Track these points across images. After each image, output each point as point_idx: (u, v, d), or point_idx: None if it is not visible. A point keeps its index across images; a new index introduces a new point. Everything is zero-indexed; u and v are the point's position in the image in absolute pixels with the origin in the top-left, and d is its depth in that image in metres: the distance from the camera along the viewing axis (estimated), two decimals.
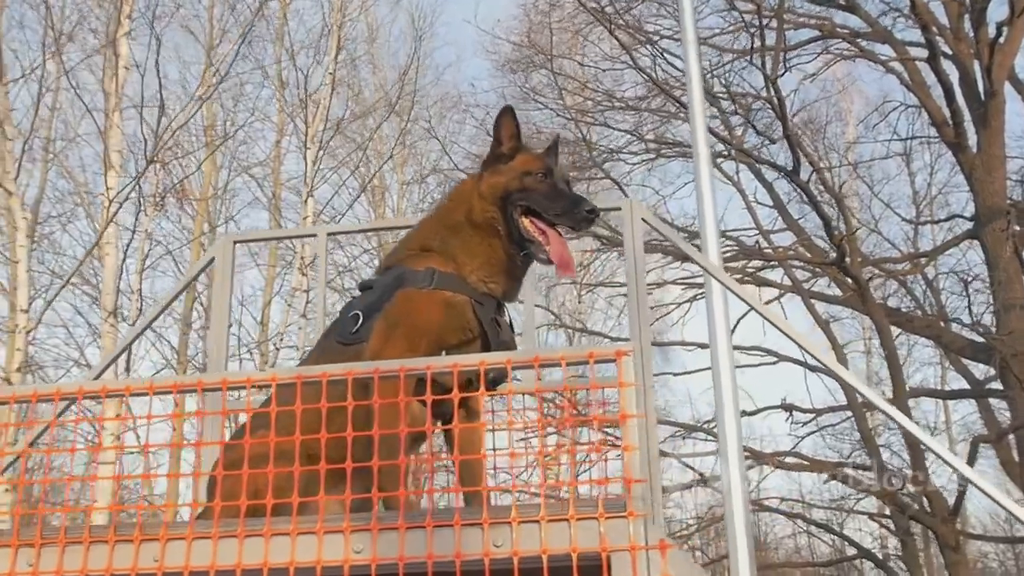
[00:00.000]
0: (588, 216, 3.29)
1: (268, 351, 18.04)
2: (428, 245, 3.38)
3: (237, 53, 13.47)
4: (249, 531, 2.62)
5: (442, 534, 2.55)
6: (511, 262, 3.34)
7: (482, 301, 3.25)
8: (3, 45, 12.26)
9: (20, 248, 11.28)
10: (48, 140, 17.20)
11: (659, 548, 2.47)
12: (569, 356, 2.68)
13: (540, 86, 17.83)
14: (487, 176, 3.41)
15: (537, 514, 2.52)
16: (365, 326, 3.28)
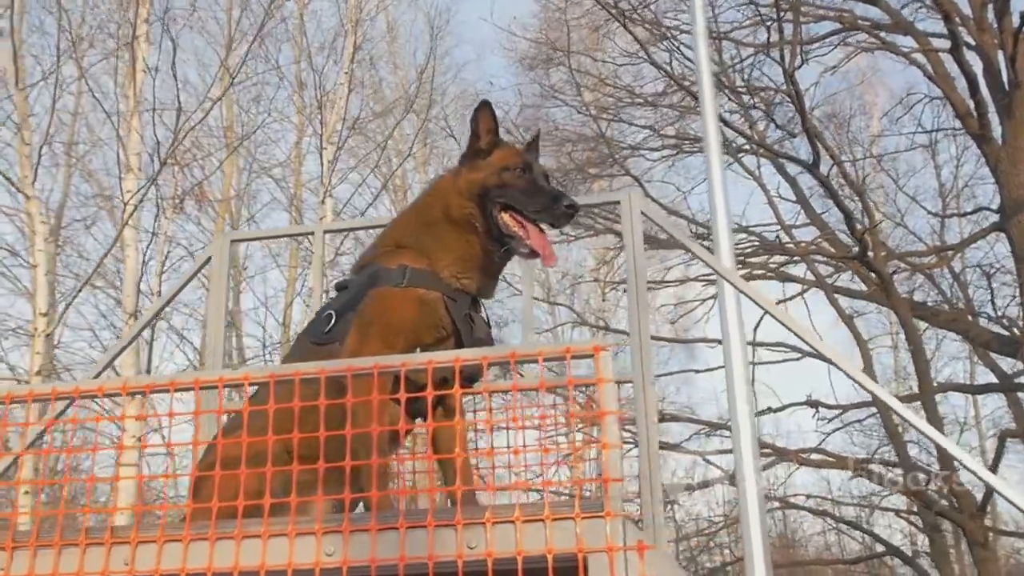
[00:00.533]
0: (567, 212, 3.23)
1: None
2: (402, 242, 3.33)
3: (247, 54, 13.45)
4: (221, 534, 2.57)
5: (415, 535, 2.48)
6: (488, 258, 3.28)
7: (455, 297, 3.20)
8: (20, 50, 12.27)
9: (39, 252, 11.33)
10: (70, 144, 17.32)
11: (637, 549, 2.39)
12: (547, 352, 2.60)
13: (559, 83, 17.73)
14: (465, 172, 3.35)
15: (512, 514, 2.45)
16: (338, 326, 3.24)
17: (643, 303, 4.40)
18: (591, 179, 17.23)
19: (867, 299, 15.52)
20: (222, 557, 2.54)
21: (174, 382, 2.84)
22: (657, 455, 4.20)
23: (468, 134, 3.53)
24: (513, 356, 2.61)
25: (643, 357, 4.30)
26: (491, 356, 2.62)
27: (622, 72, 17.03)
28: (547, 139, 17.98)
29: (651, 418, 4.20)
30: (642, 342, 4.33)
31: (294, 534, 2.53)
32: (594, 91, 17.40)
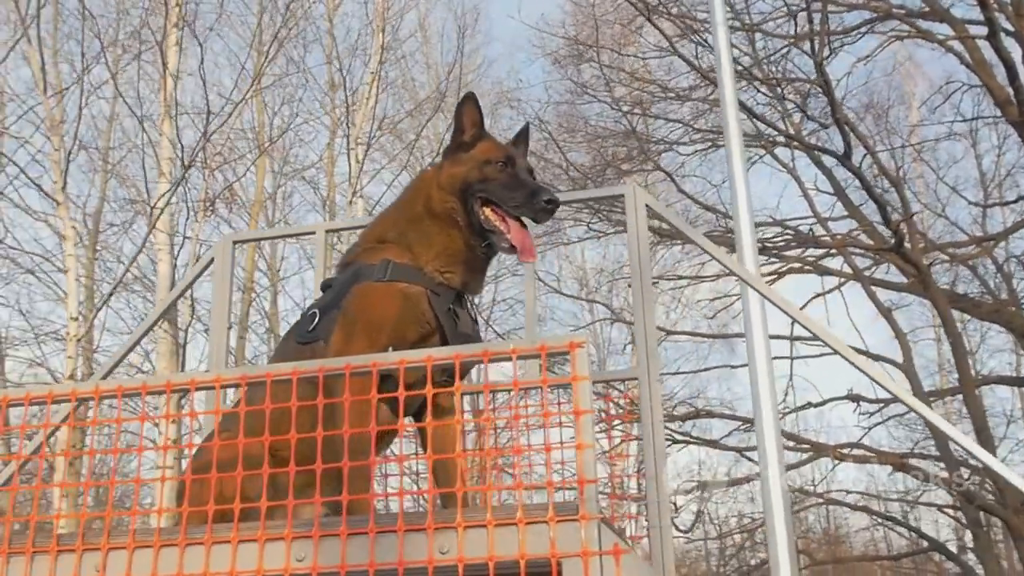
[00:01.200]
0: (547, 207, 3.15)
1: None
2: (385, 237, 3.28)
3: (267, 55, 13.45)
4: (190, 540, 2.52)
5: (386, 540, 2.41)
6: (471, 253, 3.21)
7: (438, 291, 3.13)
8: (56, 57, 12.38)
9: (69, 257, 11.43)
10: (106, 149, 17.49)
11: (612, 553, 2.30)
12: (520, 350, 2.52)
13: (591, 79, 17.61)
14: (447, 166, 3.29)
15: (484, 518, 2.38)
16: (321, 324, 3.20)
17: (648, 298, 4.31)
18: (624, 175, 17.08)
19: (905, 291, 15.24)
20: (192, 563, 2.49)
21: (169, 383, 2.80)
22: (663, 454, 4.10)
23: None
24: (486, 355, 2.53)
25: (648, 353, 4.21)
26: (464, 354, 2.55)
27: (655, 67, 16.88)
28: (580, 135, 17.92)
29: (656, 416, 4.11)
30: (647, 338, 4.23)
31: (263, 540, 2.47)
32: (626, 86, 17.26)
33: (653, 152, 16.29)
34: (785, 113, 15.51)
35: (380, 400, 2.79)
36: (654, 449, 4.07)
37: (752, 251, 7.00)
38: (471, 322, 3.22)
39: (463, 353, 2.54)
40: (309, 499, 2.62)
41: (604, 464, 16.57)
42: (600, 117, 17.96)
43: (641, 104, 16.34)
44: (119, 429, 3.39)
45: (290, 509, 2.52)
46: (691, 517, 15.92)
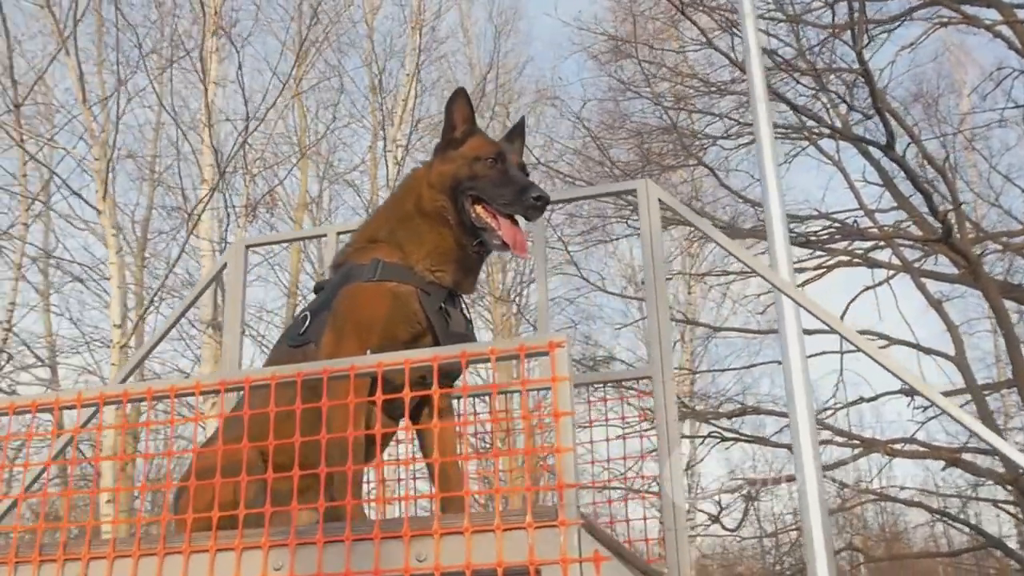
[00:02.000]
0: (536, 204, 3.08)
1: None
2: (376, 236, 3.24)
3: (296, 60, 13.50)
4: (169, 548, 2.48)
5: (363, 548, 2.36)
6: (462, 252, 3.16)
7: (428, 290, 3.08)
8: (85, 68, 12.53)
9: (112, 265, 11.56)
10: (154, 157, 17.70)
11: (593, 560, 2.22)
12: (499, 351, 2.44)
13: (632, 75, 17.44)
14: (437, 164, 3.24)
15: (461, 525, 2.31)
16: (312, 326, 3.17)
17: (661, 295, 4.21)
18: (666, 171, 16.90)
19: (955, 282, 14.89)
20: (170, 572, 2.45)
21: (173, 387, 2.77)
22: (679, 455, 4.00)
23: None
24: (464, 356, 2.46)
25: (662, 351, 4.11)
26: (441, 356, 2.48)
27: (696, 61, 16.69)
28: (621, 132, 17.75)
29: (671, 415, 4.01)
30: (660, 336, 4.14)
31: (240, 548, 2.43)
32: (668, 81, 17.08)
33: (695, 147, 16.08)
34: (832, 103, 15.24)
35: (371, 403, 2.74)
36: (669, 450, 3.97)
37: (784, 247, 6.82)
38: (464, 321, 3.16)
39: (441, 355, 2.47)
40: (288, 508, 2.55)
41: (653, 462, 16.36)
42: (642, 113, 17.82)
43: (683, 99, 16.14)
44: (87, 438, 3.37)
45: (267, 517, 2.47)
46: (739, 515, 15.67)
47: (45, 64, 12.62)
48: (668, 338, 4.13)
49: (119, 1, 13.48)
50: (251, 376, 2.74)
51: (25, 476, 3.42)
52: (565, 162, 18.31)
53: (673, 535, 3.86)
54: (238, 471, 2.70)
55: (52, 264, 15.55)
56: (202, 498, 2.94)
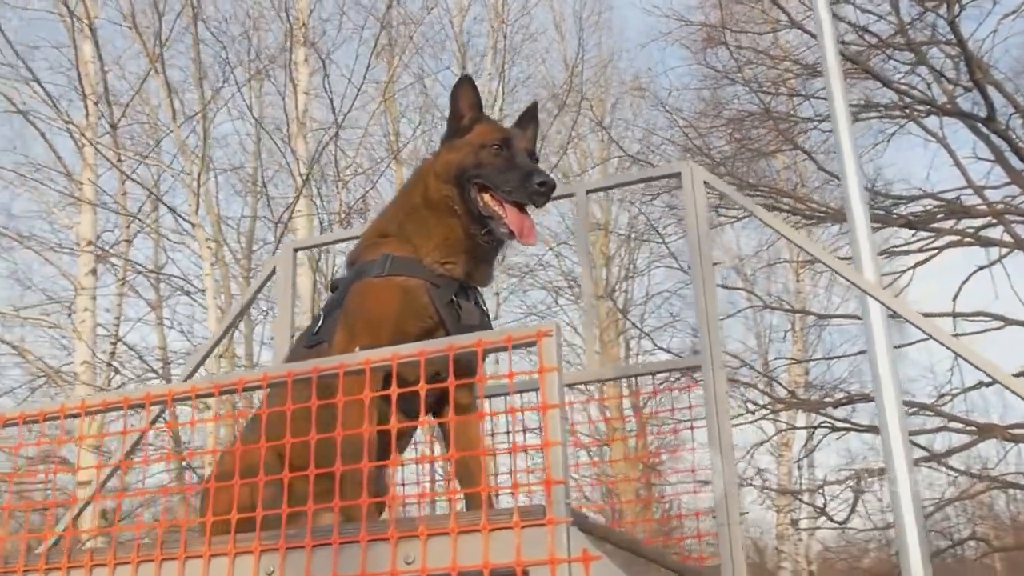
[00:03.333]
0: (540, 190, 2.96)
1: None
2: (386, 231, 3.17)
3: (367, 63, 13.58)
4: (166, 555, 2.45)
5: (351, 551, 2.29)
6: (472, 242, 3.05)
7: (438, 283, 2.99)
8: (176, 84, 12.84)
9: (206, 277, 11.82)
10: (256, 169, 18.07)
11: (582, 560, 2.10)
12: (487, 343, 2.35)
13: (724, 62, 17.08)
14: (443, 153, 3.16)
15: (447, 525, 2.21)
16: (325, 326, 3.12)
17: (709, 281, 4.04)
18: (763, 156, 16.51)
19: None
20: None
21: (194, 388, 2.76)
22: (731, 449, 3.83)
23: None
24: (451, 349, 2.37)
25: (711, 341, 3.94)
26: (429, 350, 2.39)
27: (789, 43, 16.26)
28: (716, 120, 17.40)
29: (721, 407, 3.84)
30: (709, 325, 3.97)
31: (233, 553, 2.38)
32: (761, 65, 16.68)
33: (793, 132, 15.65)
34: (937, 77, 14.63)
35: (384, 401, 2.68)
36: (720, 444, 3.81)
37: (872, 262, 6.47)
38: (479, 314, 3.06)
39: (428, 349, 2.38)
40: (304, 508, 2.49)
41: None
42: (738, 100, 17.44)
43: (778, 83, 15.74)
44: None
45: (284, 518, 2.43)
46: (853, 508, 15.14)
47: (137, 85, 12.97)
48: (717, 327, 3.96)
49: (206, 17, 13.78)
50: (268, 374, 2.69)
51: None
52: (659, 154, 18.05)
53: (726, 530, 3.69)
54: (255, 473, 2.67)
55: (163, 278, 16.04)
56: (221, 501, 2.93)
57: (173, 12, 12.39)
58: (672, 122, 16.46)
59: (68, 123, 12.20)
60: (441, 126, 16.44)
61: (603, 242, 22.34)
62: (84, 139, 12.11)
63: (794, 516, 19.27)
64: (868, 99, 15.45)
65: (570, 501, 2.18)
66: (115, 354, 12.69)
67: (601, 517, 7.57)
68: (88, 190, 12.30)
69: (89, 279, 12.51)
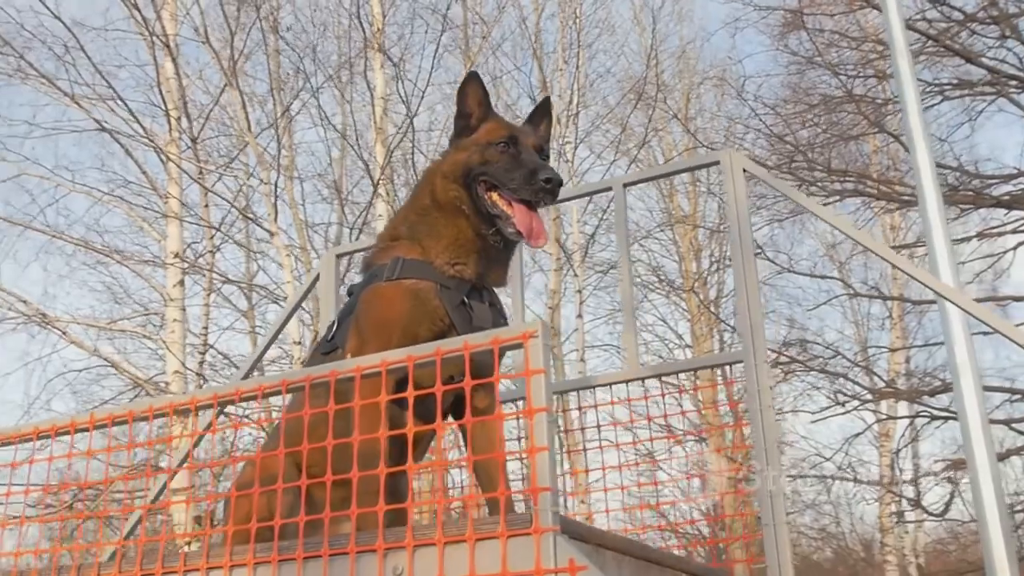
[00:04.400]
0: (545, 187, 2.90)
1: (561, 354, 18.14)
2: (397, 234, 3.12)
3: (432, 64, 13.58)
4: (166, 568, 2.44)
5: (341, 562, 2.24)
6: (483, 242, 2.99)
7: (449, 285, 2.93)
8: (250, 96, 13.04)
9: (287, 285, 11.96)
10: (340, 176, 18.29)
11: (568, 570, 2.02)
12: (473, 345, 2.27)
13: (806, 47, 16.66)
14: (450, 153, 3.12)
15: (434, 536, 2.15)
16: (339, 332, 3.09)
17: (751, 273, 3.90)
18: (850, 141, 16.06)
19: None
20: None
21: (216, 395, 2.75)
22: (775, 446, 3.68)
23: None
24: (439, 353, 2.30)
25: (752, 334, 3.81)
26: (416, 355, 2.32)
27: (871, 24, 15.79)
28: (801, 104, 16.97)
29: (764, 401, 3.70)
30: (751, 317, 3.83)
31: (229, 566, 2.35)
32: (847, 49, 16.24)
33: (879, 114, 15.19)
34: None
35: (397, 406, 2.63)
36: (764, 439, 3.67)
37: (950, 265, 6.19)
38: (493, 315, 2.99)
39: (416, 355, 2.31)
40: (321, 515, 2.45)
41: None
42: (825, 84, 17.01)
43: (860, 65, 15.30)
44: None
45: (300, 527, 2.40)
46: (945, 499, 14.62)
47: (214, 99, 13.22)
48: (759, 320, 3.82)
49: (281, 28, 13.98)
50: (287, 379, 2.65)
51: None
52: (743, 142, 17.71)
53: (772, 531, 3.56)
54: (274, 482, 2.65)
55: (254, 288, 16.32)
56: (241, 509, 2.92)
57: (245, 26, 12.59)
58: (753, 111, 16.08)
59: (151, 140, 12.48)
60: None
61: (692, 234, 22.04)
62: (167, 155, 12.37)
63: (895, 509, 18.71)
64: (959, 77, 14.92)
65: (557, 508, 2.09)
66: (204, 363, 12.92)
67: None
68: (173, 204, 12.56)
69: (177, 290, 12.77)
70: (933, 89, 14.43)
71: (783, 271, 17.13)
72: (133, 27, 12.83)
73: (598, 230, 17.02)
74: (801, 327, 20.58)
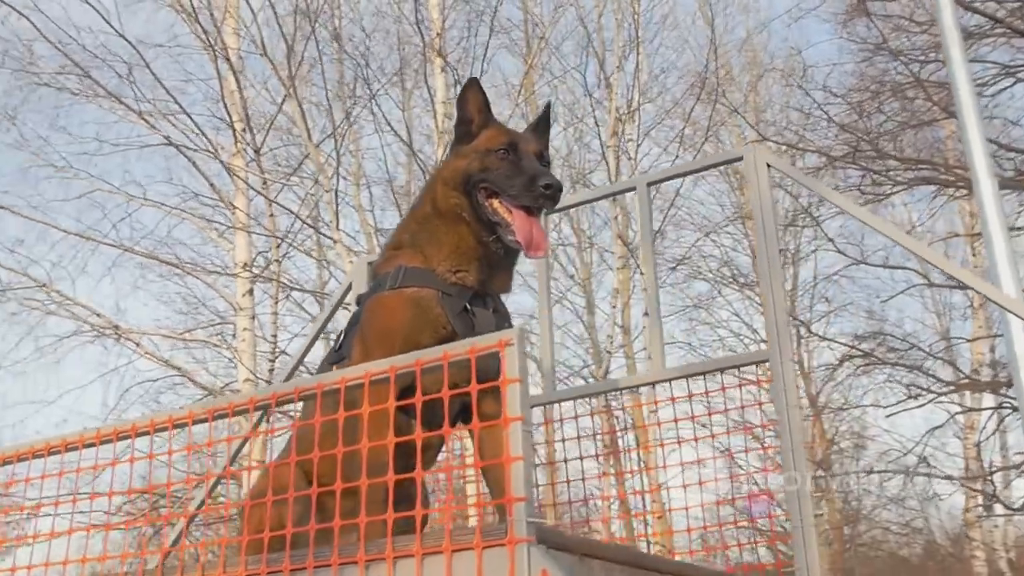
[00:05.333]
0: (545, 193, 2.89)
1: (632, 352, 18.02)
2: (400, 242, 3.14)
3: (481, 65, 13.58)
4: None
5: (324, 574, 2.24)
6: (484, 249, 2.98)
7: (450, 292, 2.92)
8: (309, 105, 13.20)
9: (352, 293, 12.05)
10: (408, 183, 18.43)
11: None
12: (452, 355, 2.26)
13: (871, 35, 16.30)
14: (451, 160, 3.12)
15: (412, 547, 2.14)
16: (345, 342, 3.11)
17: (776, 270, 3.82)
18: (920, 127, 15.67)
19: None
20: None
21: (253, 399, 2.78)
22: (802, 446, 3.60)
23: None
24: (419, 364, 2.29)
25: (779, 331, 3.73)
26: (399, 365, 2.32)
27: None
28: (866, 93, 16.60)
29: (791, 399, 3.62)
30: (776, 315, 3.76)
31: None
32: (914, 33, 15.85)
33: (950, 99, 14.76)
34: None
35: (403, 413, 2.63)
36: (792, 439, 3.59)
37: (1013, 280, 5.97)
38: (497, 321, 2.97)
39: (399, 364, 2.31)
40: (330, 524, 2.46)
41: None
42: (895, 72, 16.62)
43: (927, 49, 14.91)
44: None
45: (311, 536, 2.41)
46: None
47: (275, 110, 13.43)
48: (784, 318, 3.74)
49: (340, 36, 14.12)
50: (300, 387, 2.65)
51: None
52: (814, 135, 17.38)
53: (800, 532, 3.48)
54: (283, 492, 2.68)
55: (325, 295, 16.53)
56: (253, 519, 2.96)
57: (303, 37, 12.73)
58: (815, 100, 15.78)
59: (216, 154, 12.73)
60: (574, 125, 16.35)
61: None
62: (229, 167, 12.60)
63: (981, 503, 18.21)
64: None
65: (533, 519, 2.07)
66: (273, 370, 13.11)
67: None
68: (240, 215, 12.79)
69: (246, 300, 12.99)
70: (1005, 71, 14.03)
71: (855, 263, 16.74)
72: (195, 43, 13.09)
73: (664, 225, 16.87)
74: (881, 318, 20.20)
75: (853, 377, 17.86)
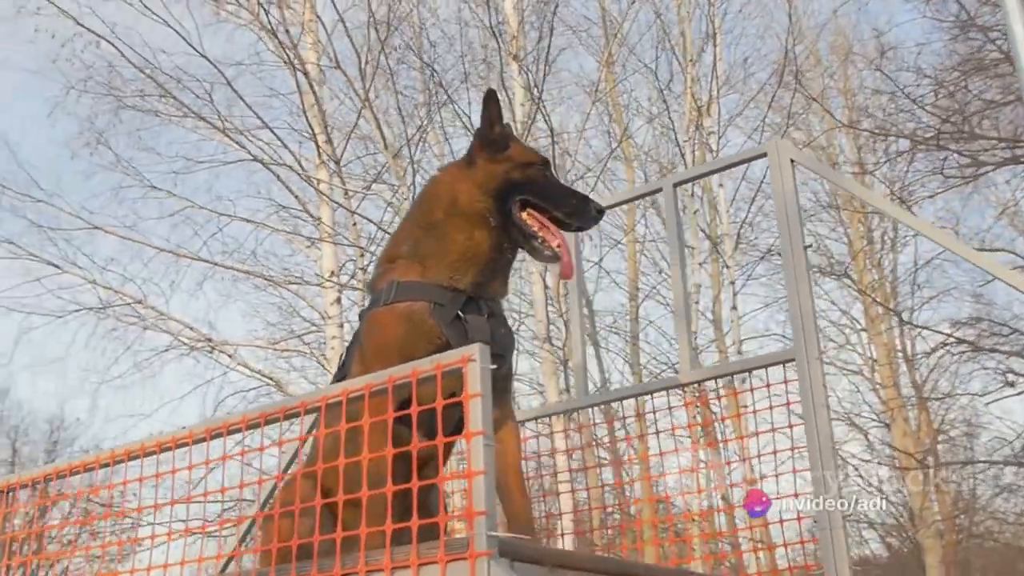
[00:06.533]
0: (597, 216, 3.08)
1: (724, 347, 17.81)
2: (395, 255, 3.16)
3: (544, 67, 13.53)
4: None
5: None
6: (493, 254, 3.03)
7: (442, 302, 2.94)
8: (385, 115, 13.38)
9: None
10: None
11: None
12: (421, 371, 2.29)
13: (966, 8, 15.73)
14: (483, 163, 3.10)
15: (381, 562, 2.18)
16: (347, 360, 3.17)
17: (801, 267, 3.76)
18: (997, 107, 15.07)
19: None
20: None
21: (284, 409, 2.86)
22: (830, 447, 3.54)
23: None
24: (391, 381, 2.33)
25: (804, 330, 3.67)
26: (374, 383, 2.36)
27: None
28: (953, 72, 16.02)
29: (818, 400, 3.56)
30: (802, 313, 3.70)
31: None
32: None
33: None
34: None
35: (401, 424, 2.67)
36: (819, 441, 3.53)
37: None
38: (492, 325, 2.99)
39: (375, 382, 2.35)
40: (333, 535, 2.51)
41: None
42: (987, 49, 16.01)
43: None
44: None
45: (315, 547, 2.48)
46: None
47: (352, 122, 13.67)
48: (811, 316, 3.67)
49: (417, 46, 14.29)
50: (307, 401, 2.71)
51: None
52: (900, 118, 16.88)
53: (828, 535, 3.42)
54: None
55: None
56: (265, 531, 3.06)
57: (375, 50, 12.93)
58: (894, 82, 15.33)
59: (301, 168, 13.02)
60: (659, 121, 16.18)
61: (858, 216, 21.24)
62: (314, 179, 12.86)
63: None
64: None
65: (494, 532, 2.08)
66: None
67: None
68: (324, 226, 13.04)
69: (334, 308, 13.24)
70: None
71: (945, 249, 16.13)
72: (275, 59, 13.39)
73: (749, 214, 16.64)
74: (988, 302, 19.55)
75: (959, 364, 17.39)
